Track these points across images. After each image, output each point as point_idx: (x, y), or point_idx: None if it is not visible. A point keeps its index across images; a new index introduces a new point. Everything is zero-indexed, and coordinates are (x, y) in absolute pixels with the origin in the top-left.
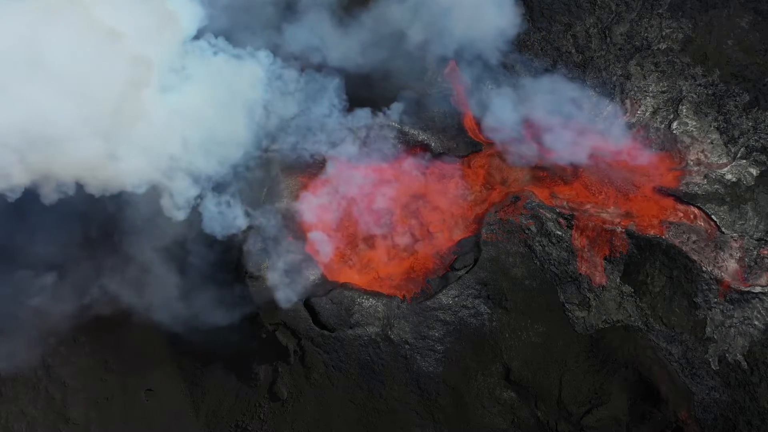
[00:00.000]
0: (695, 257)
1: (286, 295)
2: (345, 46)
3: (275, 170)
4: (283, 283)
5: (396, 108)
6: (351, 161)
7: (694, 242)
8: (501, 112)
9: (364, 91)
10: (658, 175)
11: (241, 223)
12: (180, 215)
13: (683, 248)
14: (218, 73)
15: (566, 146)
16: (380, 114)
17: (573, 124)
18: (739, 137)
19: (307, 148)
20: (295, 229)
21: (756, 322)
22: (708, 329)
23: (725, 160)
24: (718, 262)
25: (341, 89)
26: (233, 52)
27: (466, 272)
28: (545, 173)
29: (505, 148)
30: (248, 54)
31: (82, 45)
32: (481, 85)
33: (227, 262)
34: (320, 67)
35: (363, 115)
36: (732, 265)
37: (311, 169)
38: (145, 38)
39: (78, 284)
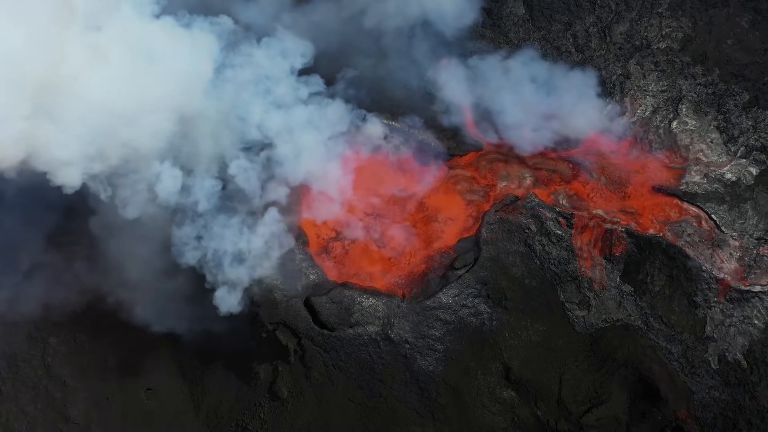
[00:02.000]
0: (695, 256)
1: (227, 298)
2: (303, 30)
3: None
4: (225, 282)
5: (344, 77)
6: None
7: (693, 241)
8: (453, 92)
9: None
10: (658, 174)
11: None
12: (104, 195)
13: (683, 247)
14: (159, 40)
15: (525, 130)
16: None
17: (532, 106)
18: (738, 136)
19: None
20: (244, 210)
21: (756, 321)
22: (708, 328)
23: (725, 159)
24: (717, 261)
25: (303, 56)
26: (182, 20)
27: (466, 271)
28: (545, 173)
29: (464, 130)
30: (201, 21)
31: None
32: (480, 81)
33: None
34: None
35: (314, 81)
36: (732, 264)
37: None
38: (95, 19)
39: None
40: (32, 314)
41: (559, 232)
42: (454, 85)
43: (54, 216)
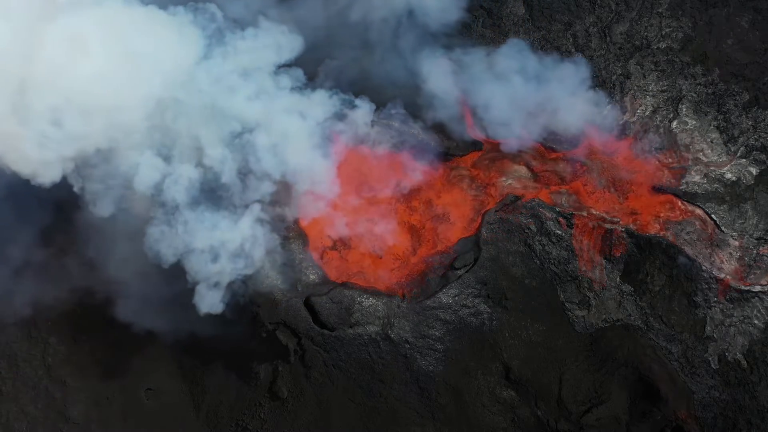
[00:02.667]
0: (695, 256)
1: (207, 297)
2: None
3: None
4: (205, 280)
5: (326, 70)
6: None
7: (693, 241)
8: (438, 87)
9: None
10: (658, 174)
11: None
12: (77, 188)
13: (683, 247)
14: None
15: (513, 126)
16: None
17: (519, 100)
18: (738, 136)
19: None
20: (226, 203)
21: (756, 321)
22: (708, 328)
23: (725, 159)
24: (717, 261)
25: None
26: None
27: (466, 271)
28: (545, 173)
29: (448, 126)
30: (185, 10)
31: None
32: (465, 75)
33: None
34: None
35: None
36: (732, 263)
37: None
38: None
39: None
40: (30, 313)
41: (559, 232)
42: (448, 81)
43: (48, 211)
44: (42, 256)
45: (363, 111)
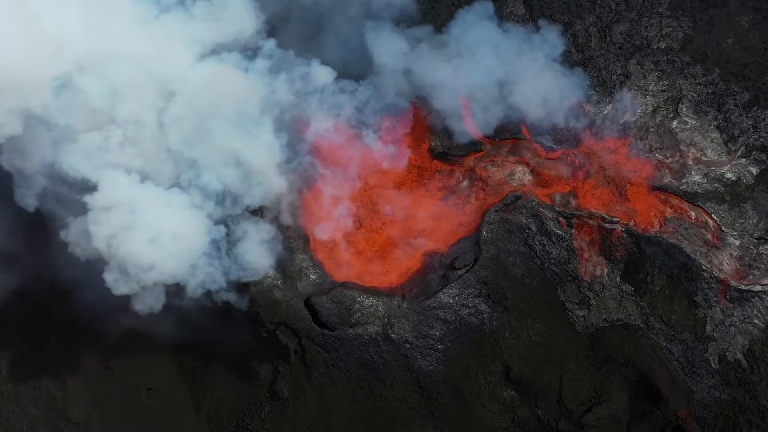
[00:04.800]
0: (695, 256)
1: (145, 298)
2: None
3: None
4: (136, 278)
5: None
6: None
7: (693, 240)
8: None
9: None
10: (658, 173)
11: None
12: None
13: (683, 247)
14: None
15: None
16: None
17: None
18: (738, 136)
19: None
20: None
21: (756, 321)
22: (708, 328)
23: (725, 159)
24: (717, 261)
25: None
26: None
27: (467, 271)
28: (545, 172)
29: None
30: None
31: None
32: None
33: None
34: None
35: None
36: (732, 263)
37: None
38: None
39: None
40: (28, 312)
41: (559, 232)
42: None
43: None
44: (37, 254)
45: (321, 73)
